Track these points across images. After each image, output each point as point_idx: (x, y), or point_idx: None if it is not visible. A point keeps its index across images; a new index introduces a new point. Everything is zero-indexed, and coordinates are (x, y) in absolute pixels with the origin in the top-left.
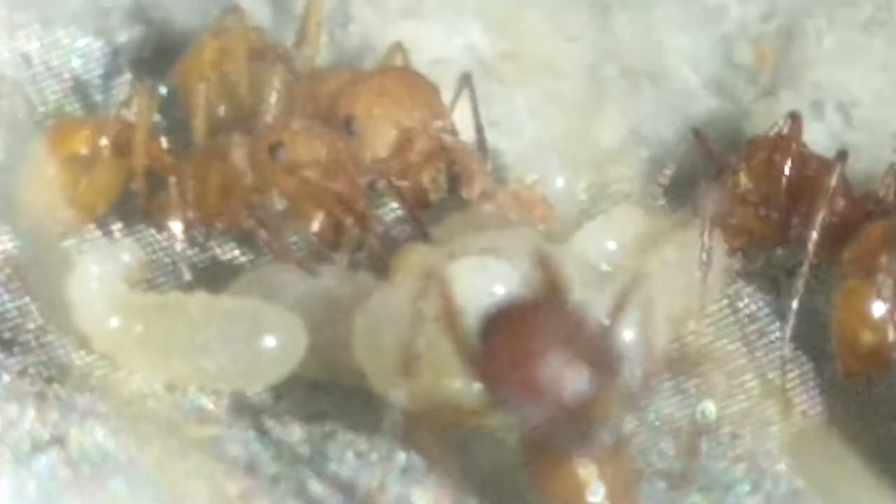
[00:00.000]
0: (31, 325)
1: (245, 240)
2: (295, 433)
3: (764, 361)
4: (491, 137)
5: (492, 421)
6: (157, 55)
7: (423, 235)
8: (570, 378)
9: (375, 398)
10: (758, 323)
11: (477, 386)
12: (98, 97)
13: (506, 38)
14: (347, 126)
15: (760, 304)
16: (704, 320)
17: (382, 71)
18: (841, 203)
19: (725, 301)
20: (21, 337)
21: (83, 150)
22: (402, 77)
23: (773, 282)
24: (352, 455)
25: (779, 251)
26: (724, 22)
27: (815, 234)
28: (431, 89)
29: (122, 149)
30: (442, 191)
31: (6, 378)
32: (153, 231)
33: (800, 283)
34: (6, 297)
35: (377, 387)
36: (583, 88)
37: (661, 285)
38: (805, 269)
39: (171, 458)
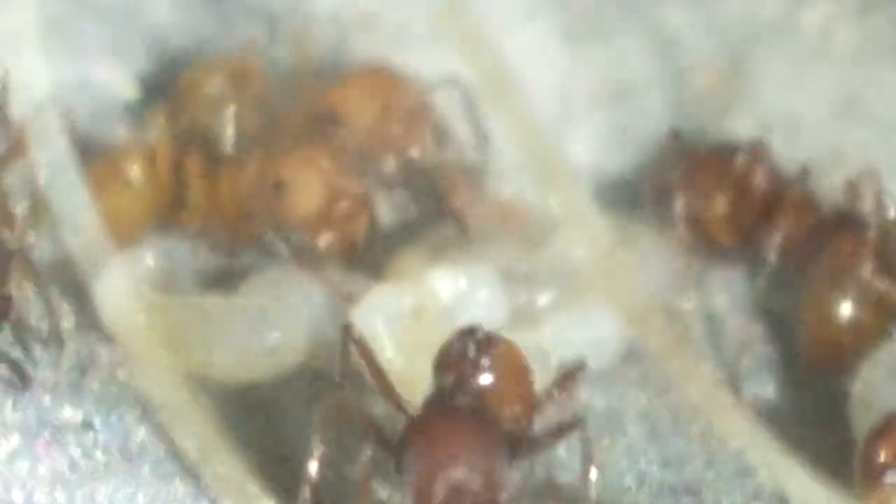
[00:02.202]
0: (67, 324)
1: (255, 246)
2: (299, 417)
3: (721, 354)
4: (470, 155)
5: None
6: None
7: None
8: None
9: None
10: (715, 320)
11: None
12: (125, 124)
13: (484, 64)
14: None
15: (720, 300)
16: (667, 316)
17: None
18: (806, 215)
19: (687, 298)
20: (57, 334)
21: (128, 177)
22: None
23: (735, 280)
24: (346, 435)
25: (739, 255)
26: (681, 50)
27: (777, 242)
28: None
29: (156, 171)
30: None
31: (46, 372)
32: (177, 238)
33: (761, 286)
34: (42, 298)
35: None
36: (554, 111)
37: (624, 285)
38: (766, 273)
39: (191, 441)
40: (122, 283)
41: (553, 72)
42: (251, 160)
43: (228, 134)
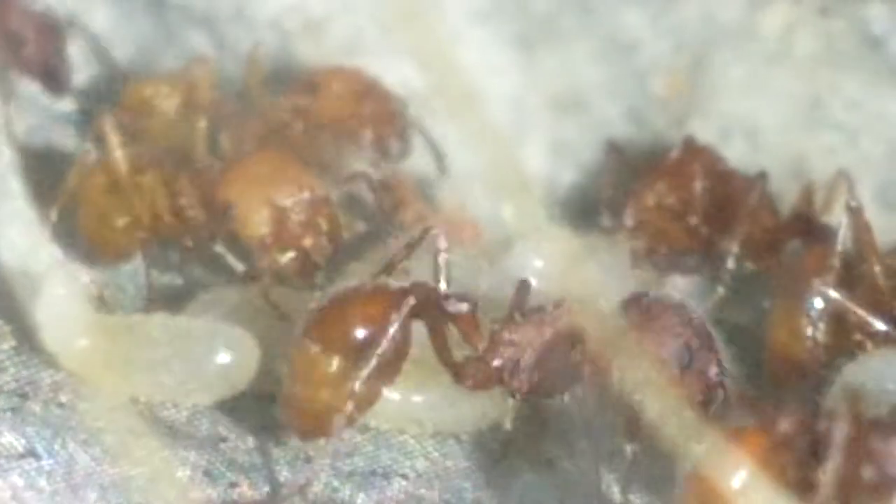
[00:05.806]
0: (6, 346)
1: (205, 263)
2: (248, 442)
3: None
4: (422, 166)
5: None
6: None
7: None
8: None
9: None
10: None
11: None
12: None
13: (435, 73)
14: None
15: None
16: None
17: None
18: (764, 219)
19: None
20: None
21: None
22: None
23: (694, 294)
24: (301, 461)
25: (697, 261)
26: (637, 56)
27: (734, 249)
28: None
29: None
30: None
31: None
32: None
33: (719, 294)
34: None
35: None
36: (508, 119)
37: (585, 300)
38: (725, 281)
39: (137, 467)
40: (62, 304)
41: (508, 79)
42: (200, 177)
43: (200, 148)
